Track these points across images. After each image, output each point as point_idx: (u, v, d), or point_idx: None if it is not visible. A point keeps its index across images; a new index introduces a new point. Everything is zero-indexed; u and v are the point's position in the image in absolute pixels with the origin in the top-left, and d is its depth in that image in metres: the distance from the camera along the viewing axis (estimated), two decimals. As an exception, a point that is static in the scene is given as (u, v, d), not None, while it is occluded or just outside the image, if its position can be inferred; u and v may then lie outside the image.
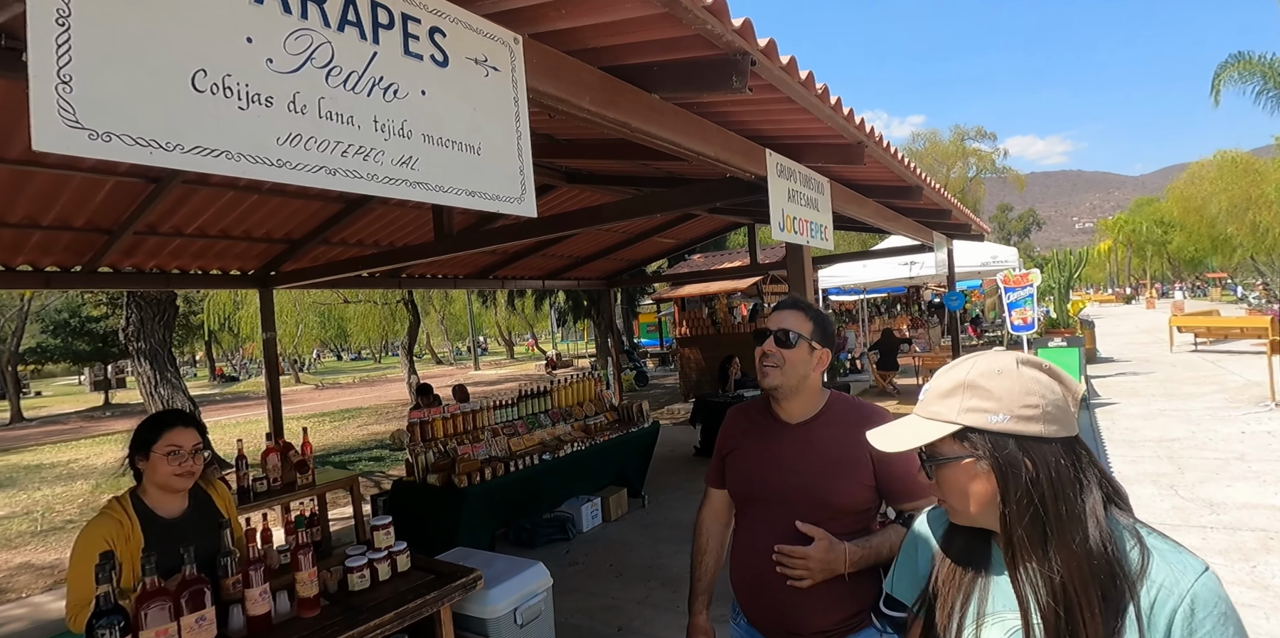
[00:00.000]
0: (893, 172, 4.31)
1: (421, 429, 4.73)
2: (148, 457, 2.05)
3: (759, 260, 9.58)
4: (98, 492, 9.05)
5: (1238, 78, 20.81)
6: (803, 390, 1.66)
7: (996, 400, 0.91)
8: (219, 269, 6.11)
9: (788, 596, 1.57)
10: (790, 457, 1.65)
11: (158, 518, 2.08)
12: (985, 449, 0.91)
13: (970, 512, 0.94)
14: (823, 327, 1.69)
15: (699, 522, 1.91)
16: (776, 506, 1.64)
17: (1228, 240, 39.48)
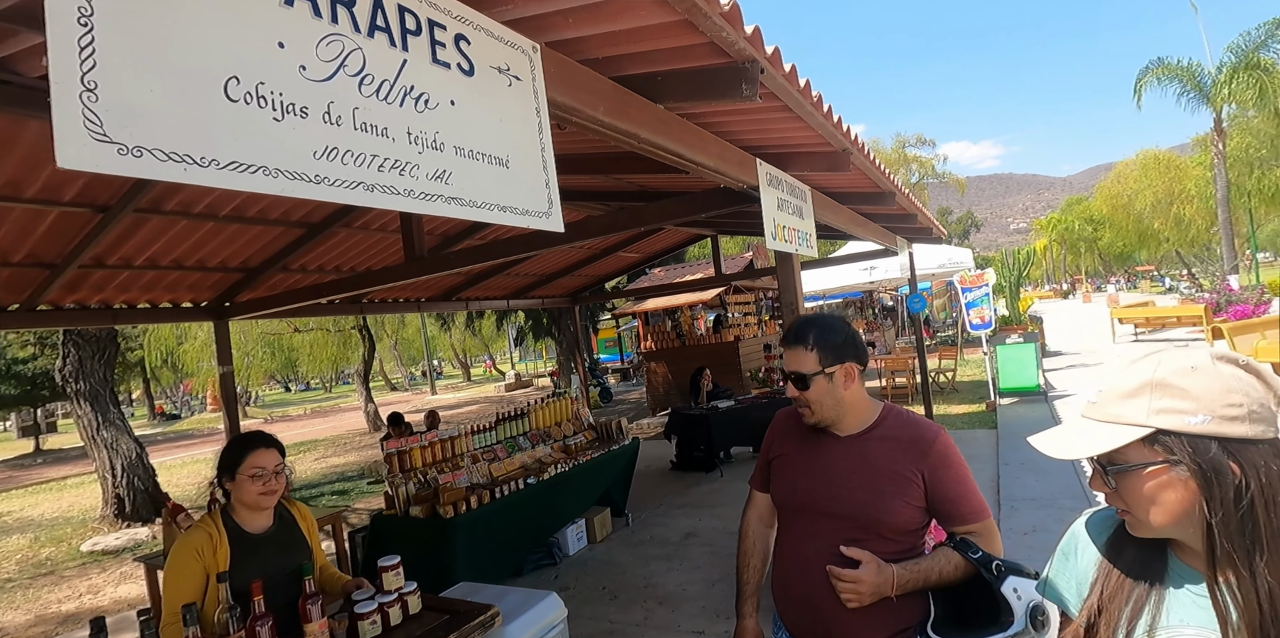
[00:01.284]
0: (870, 178, 4.36)
1: (399, 459, 4.54)
2: (234, 478, 2.12)
3: (723, 271, 9.62)
4: (37, 546, 8.45)
5: (1158, 81, 22.02)
6: (846, 412, 1.62)
7: (1195, 400, 0.83)
8: (170, 302, 5.81)
9: (834, 612, 1.53)
10: (841, 471, 1.60)
11: (245, 533, 2.14)
12: (1185, 454, 0.83)
13: (1158, 523, 0.87)
14: (829, 347, 1.60)
15: (744, 524, 1.88)
16: (825, 519, 1.59)
17: (1154, 235, 41.60)
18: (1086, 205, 59.50)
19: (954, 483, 1.55)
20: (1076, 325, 23.35)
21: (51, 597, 6.20)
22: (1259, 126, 24.93)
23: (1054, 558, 1.12)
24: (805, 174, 3.88)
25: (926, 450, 1.56)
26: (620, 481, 5.93)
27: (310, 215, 5.10)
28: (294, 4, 0.96)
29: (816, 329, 1.63)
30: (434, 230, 6.01)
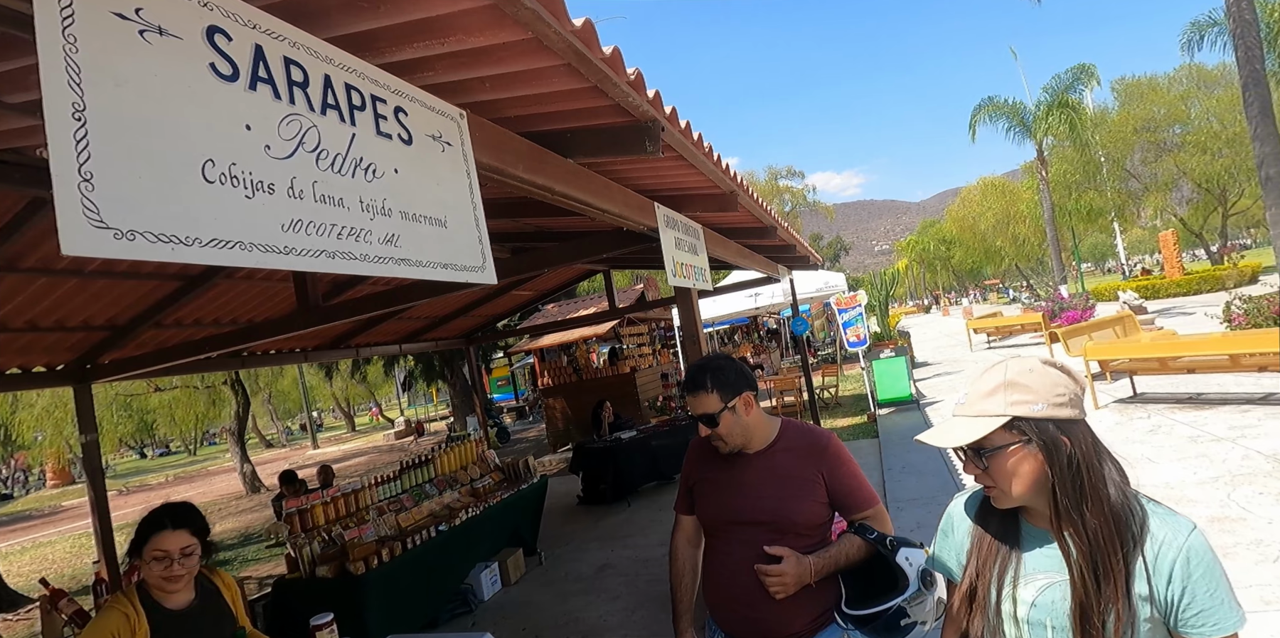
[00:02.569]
0: (754, 215, 4.70)
1: (300, 518, 4.33)
2: (141, 558, 2.00)
3: (616, 305, 9.85)
4: None
5: (989, 118, 24.80)
6: (753, 434, 1.85)
7: (1035, 393, 1.10)
8: (20, 367, 5.28)
9: (765, 606, 1.74)
10: (755, 483, 1.82)
11: (164, 610, 2.02)
12: (1033, 433, 1.08)
13: (1017, 493, 1.11)
14: (724, 385, 1.81)
15: (673, 548, 2.04)
16: (747, 527, 1.79)
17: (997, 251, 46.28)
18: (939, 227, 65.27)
19: (848, 478, 1.83)
20: (938, 336, 25.42)
21: None
22: (1072, 155, 28.55)
23: (936, 538, 1.38)
24: (698, 214, 4.15)
25: (822, 454, 1.84)
26: (530, 519, 5.90)
27: (189, 268, 4.83)
28: (257, 88, 1.04)
29: (710, 372, 1.84)
30: (323, 277, 5.84)
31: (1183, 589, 1.03)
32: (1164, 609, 1.05)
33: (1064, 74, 23.12)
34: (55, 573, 10.17)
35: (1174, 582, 1.04)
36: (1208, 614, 1.03)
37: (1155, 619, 1.05)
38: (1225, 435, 5.94)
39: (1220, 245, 36.71)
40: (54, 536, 14.80)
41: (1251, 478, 4.79)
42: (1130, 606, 1.04)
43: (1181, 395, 7.85)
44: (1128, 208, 32.41)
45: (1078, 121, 22.79)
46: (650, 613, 4.33)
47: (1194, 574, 1.03)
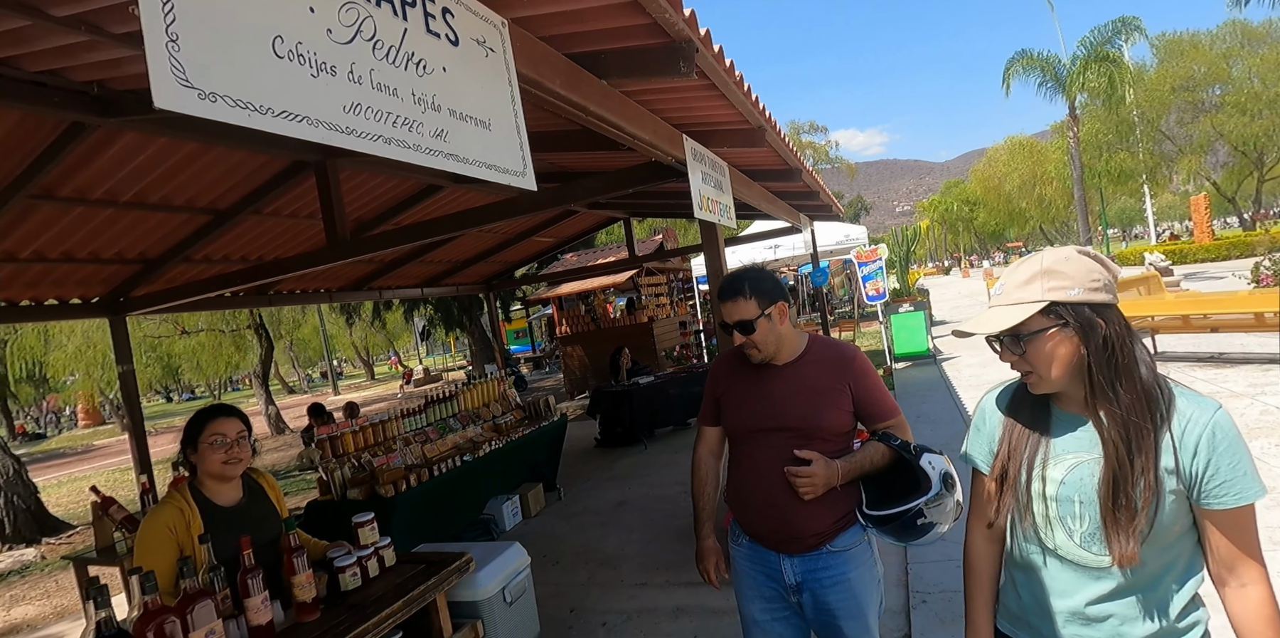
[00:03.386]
0: (780, 155, 4.67)
1: (331, 445, 4.51)
2: (197, 449, 2.12)
3: (636, 253, 9.86)
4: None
5: (1023, 71, 23.98)
6: (783, 345, 1.90)
7: (1071, 279, 1.16)
8: (57, 298, 5.43)
9: (792, 507, 1.83)
10: (785, 392, 1.89)
11: (217, 506, 2.13)
12: (1070, 317, 1.15)
13: (1054, 375, 1.18)
14: (762, 291, 1.86)
15: (696, 458, 2.12)
16: (775, 434, 1.86)
17: (1021, 213, 45.44)
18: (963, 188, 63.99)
19: (873, 389, 1.91)
20: (957, 296, 25.21)
21: (-66, 625, 5.71)
22: (1105, 114, 27.65)
23: (969, 434, 1.45)
24: (723, 150, 4.13)
25: (849, 366, 1.91)
26: (550, 456, 6.08)
27: (218, 201, 4.91)
28: (318, -27, 1.07)
29: (748, 280, 1.89)
30: (351, 213, 5.90)
31: (1207, 462, 1.11)
32: (1189, 482, 1.13)
33: (1104, 26, 22.24)
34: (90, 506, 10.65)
35: (1199, 455, 1.11)
36: (1230, 485, 1.11)
37: (1180, 492, 1.13)
38: (1244, 392, 5.95)
39: (1254, 212, 35.76)
40: (88, 471, 15.40)
41: (1270, 431, 4.84)
42: (1157, 478, 1.12)
43: (1203, 354, 7.82)
44: (1160, 171, 31.47)
45: (1118, 76, 22.00)
46: (666, 544, 4.50)
47: (1219, 448, 1.11)
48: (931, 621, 3.01)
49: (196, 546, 1.92)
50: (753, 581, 1.95)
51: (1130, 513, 1.12)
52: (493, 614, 2.30)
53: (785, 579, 1.88)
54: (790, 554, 1.87)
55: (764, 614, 1.95)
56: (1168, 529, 1.14)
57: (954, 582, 3.34)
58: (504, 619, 2.34)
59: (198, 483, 2.17)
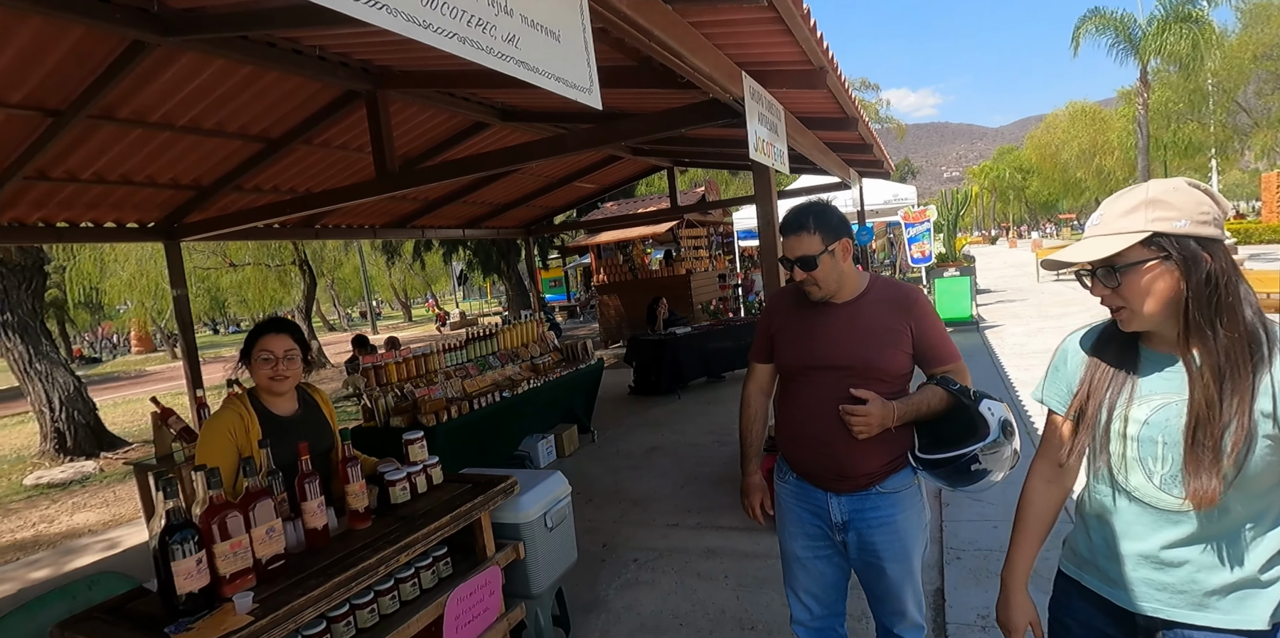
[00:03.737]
0: (838, 101, 4.50)
1: (376, 374, 4.62)
2: (249, 363, 2.20)
3: (679, 203, 9.73)
4: (-23, 479, 8.20)
5: (1095, 30, 22.64)
6: (845, 283, 1.85)
7: (1178, 210, 1.09)
8: (115, 221, 5.57)
9: (844, 446, 1.80)
10: (842, 331, 1.84)
11: (274, 415, 2.21)
12: (1174, 249, 1.09)
13: (1149, 311, 1.13)
14: (827, 226, 1.80)
15: (746, 395, 2.10)
16: (831, 372, 1.83)
17: (1077, 184, 43.60)
18: (1017, 155, 61.49)
19: (934, 332, 1.85)
20: (1003, 266, 24.57)
21: (2, 527, 6.11)
22: (1178, 82, 26.07)
23: (1045, 376, 1.40)
24: (780, 92, 3.99)
25: (911, 307, 1.85)
26: (586, 399, 6.16)
27: (270, 129, 4.93)
28: None
29: (813, 214, 1.83)
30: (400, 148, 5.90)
31: None
32: None
33: (1187, -16, 20.76)
34: (147, 424, 11.16)
35: None
36: None
37: (1275, 436, 1.07)
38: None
39: (1331, 191, 33.72)
40: (141, 394, 16.09)
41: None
42: (1251, 421, 1.06)
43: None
44: (1231, 145, 29.72)
45: (1199, 39, 20.63)
46: (699, 489, 4.56)
47: None
48: (965, 577, 3.02)
49: (256, 449, 1.99)
50: (797, 518, 1.95)
51: (1215, 455, 1.07)
52: (533, 537, 2.36)
53: (831, 518, 1.87)
54: (839, 493, 1.86)
55: (806, 551, 1.95)
56: (1258, 477, 1.09)
57: (988, 540, 3.34)
58: (544, 543, 2.40)
59: (257, 392, 2.24)
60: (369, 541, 1.86)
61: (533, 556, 2.36)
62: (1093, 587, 1.30)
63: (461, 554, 2.28)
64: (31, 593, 4.34)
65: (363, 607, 1.89)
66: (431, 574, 2.11)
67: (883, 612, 1.96)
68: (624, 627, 2.91)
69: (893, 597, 1.89)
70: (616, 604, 3.11)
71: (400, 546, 1.82)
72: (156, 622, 1.54)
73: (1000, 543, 3.28)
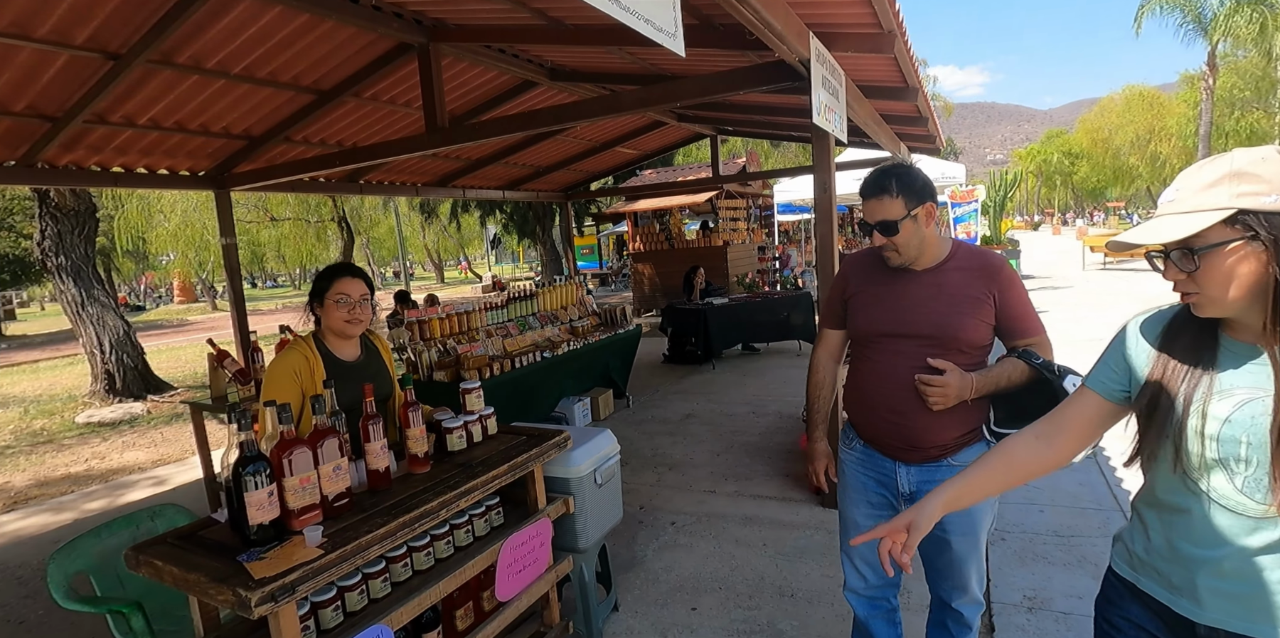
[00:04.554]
0: (900, 68, 4.34)
1: (419, 328, 4.66)
2: (323, 304, 2.22)
3: (720, 173, 9.58)
4: (28, 418, 8.53)
5: (1160, 10, 21.63)
6: (926, 249, 1.78)
7: (1268, 183, 0.95)
8: (168, 168, 5.64)
9: (917, 416, 1.75)
10: (922, 298, 1.78)
11: (337, 359, 2.24)
12: (1262, 228, 0.95)
13: (1231, 297, 1.00)
14: (911, 189, 1.72)
15: (815, 361, 2.06)
16: (908, 340, 1.77)
17: (1129, 171, 42.05)
18: (1066, 138, 59.45)
19: (1019, 303, 1.78)
20: (1047, 253, 23.93)
21: (55, 461, 6.35)
22: (1246, 67, 24.88)
23: (1099, 361, 1.26)
24: (842, 57, 3.85)
25: (996, 275, 1.77)
26: (622, 364, 6.16)
27: (322, 80, 4.92)
28: None
29: (896, 176, 1.74)
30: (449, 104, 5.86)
31: None
32: None
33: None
34: (190, 370, 11.49)
35: None
36: None
37: None
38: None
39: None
40: (184, 342, 16.53)
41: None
42: None
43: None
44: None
45: (1270, 22, 19.58)
46: (735, 457, 4.56)
47: None
48: (1010, 558, 2.99)
49: (321, 389, 2.01)
50: (861, 485, 1.92)
51: None
52: (583, 493, 2.37)
53: (899, 487, 1.84)
54: (908, 463, 1.82)
55: (868, 519, 1.91)
56: None
57: (1034, 523, 3.29)
58: (593, 499, 2.41)
59: (321, 335, 2.27)
60: (429, 485, 1.88)
61: (581, 511, 2.37)
62: (1150, 591, 1.19)
63: (511, 505, 2.30)
64: (89, 523, 4.53)
65: (420, 549, 1.91)
66: (484, 522, 2.14)
67: (943, 586, 1.93)
68: (662, 587, 2.94)
69: (956, 571, 1.86)
70: (655, 565, 3.14)
71: (461, 491, 1.83)
72: (227, 550, 1.57)
73: (1046, 527, 3.24)
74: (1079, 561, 2.92)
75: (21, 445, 7.14)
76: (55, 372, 13.11)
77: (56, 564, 2.13)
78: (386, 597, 1.82)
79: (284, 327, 3.62)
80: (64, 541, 4.18)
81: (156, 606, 2.27)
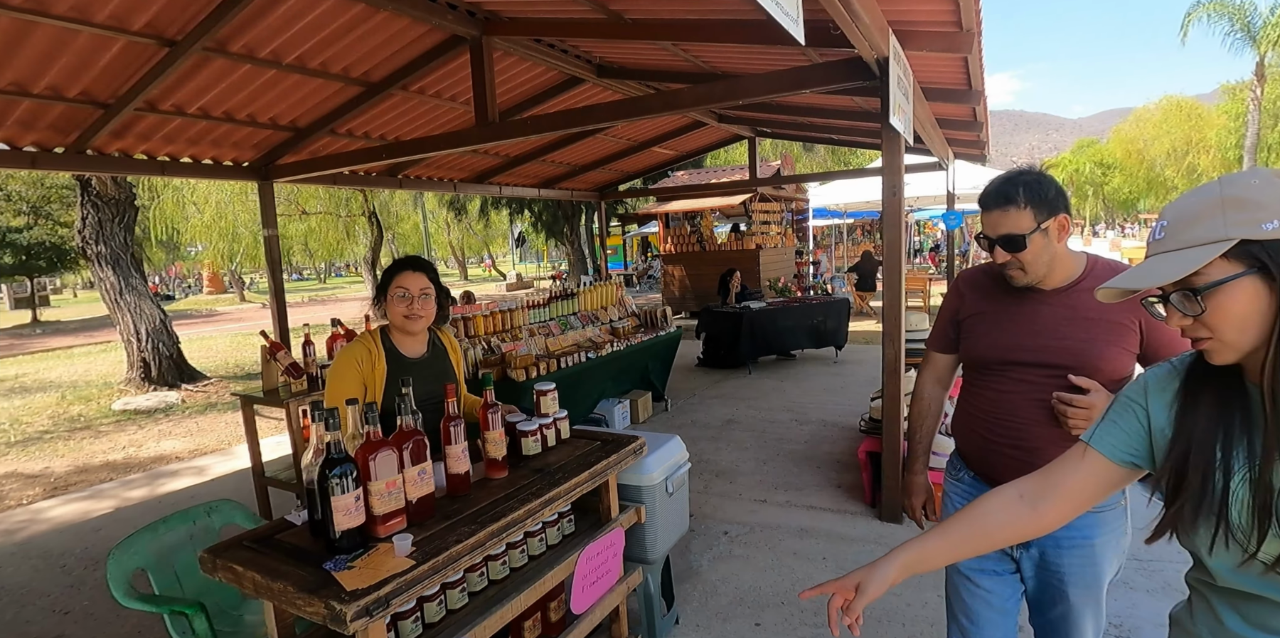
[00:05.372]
0: (968, 70, 4.21)
1: (464, 325, 4.59)
2: (386, 299, 2.17)
3: (758, 176, 9.45)
4: (65, 404, 8.60)
5: (1208, 18, 21.18)
6: (1056, 267, 1.57)
7: (1266, 208, 0.84)
8: (213, 158, 5.62)
9: (1046, 453, 1.48)
10: (1053, 322, 1.57)
11: (401, 356, 2.18)
12: (1267, 256, 0.84)
13: (1248, 337, 0.88)
14: (1041, 199, 1.51)
15: (919, 386, 1.88)
16: (1034, 369, 1.58)
17: (1164, 183, 41.20)
18: (1099, 149, 58.44)
19: (1168, 329, 1.51)
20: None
21: (93, 448, 6.37)
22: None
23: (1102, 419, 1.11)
24: (914, 55, 3.73)
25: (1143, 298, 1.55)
26: (661, 366, 6.06)
27: (371, 72, 4.88)
28: None
29: (1024, 184, 1.53)
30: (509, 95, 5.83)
31: None
32: None
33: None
34: (222, 360, 11.56)
35: None
36: None
37: None
38: None
39: None
40: (213, 333, 16.68)
41: None
42: None
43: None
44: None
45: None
46: (782, 466, 4.44)
47: None
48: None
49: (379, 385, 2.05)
50: None
51: None
52: (654, 502, 2.27)
53: None
54: None
55: (972, 561, 1.68)
56: None
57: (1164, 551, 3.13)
58: (664, 509, 2.31)
59: (388, 331, 2.21)
60: (510, 491, 1.79)
61: (652, 520, 2.27)
62: None
63: (579, 513, 2.21)
64: (131, 512, 4.51)
65: (496, 558, 1.83)
66: (556, 531, 2.05)
67: None
68: (722, 599, 2.83)
69: (1070, 625, 1.62)
70: (711, 576, 3.04)
71: (545, 499, 1.74)
72: (307, 555, 1.49)
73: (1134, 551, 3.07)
74: (1163, 587, 2.78)
75: (60, 431, 7.18)
76: (90, 358, 13.25)
77: (115, 561, 2.06)
78: (464, 607, 1.74)
79: (335, 320, 3.56)
80: (106, 529, 4.20)
81: (212, 605, 2.21)
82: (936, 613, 2.59)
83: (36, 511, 4.70)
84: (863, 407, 5.43)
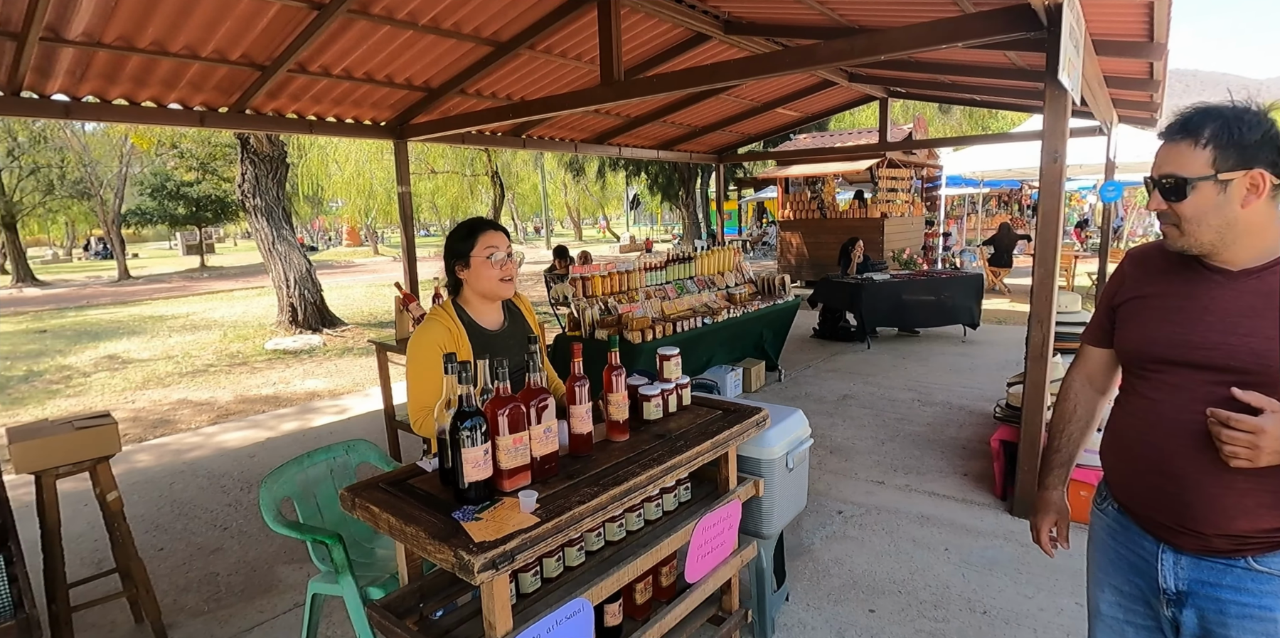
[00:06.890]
0: (1152, 18, 3.70)
1: (583, 284, 4.64)
2: (469, 265, 1.98)
3: (889, 139, 8.90)
4: (226, 341, 9.52)
5: None
6: (1238, 238, 1.19)
7: None
8: (354, 118, 5.90)
9: (1198, 482, 1.20)
10: (1231, 314, 1.20)
11: (481, 329, 2.03)
12: None
13: None
14: (1232, 144, 1.14)
15: (1066, 384, 1.56)
16: (1196, 372, 1.22)
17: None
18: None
19: None
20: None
21: (250, 382, 7.03)
22: None
23: None
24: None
25: None
26: (776, 336, 5.92)
27: (501, 32, 4.92)
28: None
29: (1214, 118, 1.16)
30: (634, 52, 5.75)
31: None
32: None
33: None
34: (358, 309, 12.41)
35: None
36: None
37: None
38: None
39: None
40: (351, 283, 17.91)
41: None
42: None
43: None
44: None
45: None
46: (901, 447, 4.24)
47: None
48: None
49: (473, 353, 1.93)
50: (1111, 562, 1.40)
51: None
52: (773, 476, 2.21)
53: (1160, 579, 1.28)
54: (1179, 550, 1.26)
55: (1114, 610, 1.40)
56: None
57: None
58: (782, 484, 2.25)
59: (462, 302, 2.04)
60: (631, 455, 1.77)
61: (769, 495, 2.22)
62: None
63: (695, 482, 2.18)
64: (279, 442, 4.96)
65: (614, 521, 1.83)
66: (673, 497, 2.03)
67: None
68: (834, 581, 2.76)
69: None
70: (824, 556, 2.95)
71: (667, 466, 1.71)
72: (437, 502, 1.54)
73: None
74: None
75: (222, 365, 7.98)
76: (247, 300, 14.61)
77: (266, 489, 2.24)
78: (581, 566, 1.76)
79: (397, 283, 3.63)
80: (260, 456, 4.63)
81: (348, 535, 2.38)
82: (1073, 621, 2.39)
83: (205, 435, 5.25)
84: (995, 392, 5.07)
